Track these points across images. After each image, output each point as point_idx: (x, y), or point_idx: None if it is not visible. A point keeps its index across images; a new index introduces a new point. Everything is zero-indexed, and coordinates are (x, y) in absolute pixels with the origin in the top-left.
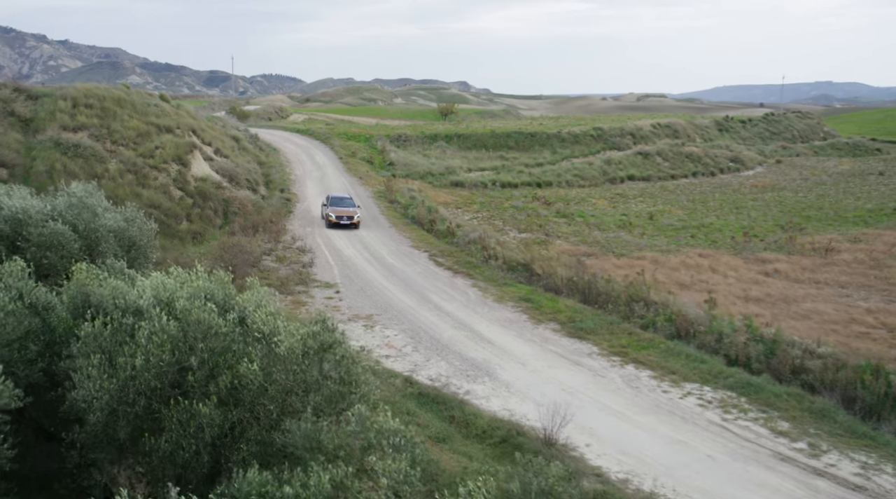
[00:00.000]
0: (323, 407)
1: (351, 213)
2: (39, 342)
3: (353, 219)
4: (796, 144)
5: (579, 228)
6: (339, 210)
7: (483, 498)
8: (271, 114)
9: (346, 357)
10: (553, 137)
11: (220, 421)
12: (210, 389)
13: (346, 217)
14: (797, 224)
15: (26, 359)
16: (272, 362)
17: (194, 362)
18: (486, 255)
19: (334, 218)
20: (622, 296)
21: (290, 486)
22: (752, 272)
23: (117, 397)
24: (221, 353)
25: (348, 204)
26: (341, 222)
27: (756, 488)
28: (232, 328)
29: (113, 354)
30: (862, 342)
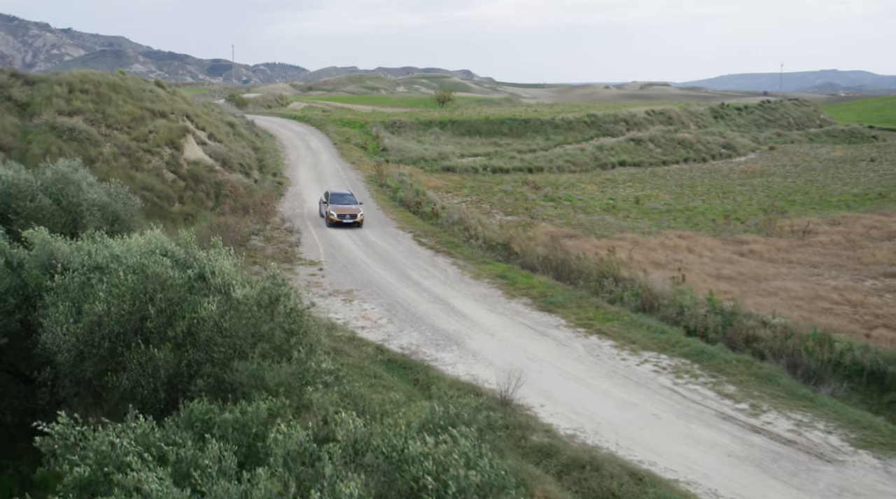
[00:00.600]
0: (270, 353)
1: (353, 210)
2: (17, 297)
3: (356, 217)
4: (791, 131)
5: (565, 212)
6: (340, 208)
7: (402, 422)
8: (271, 102)
9: (295, 309)
10: (547, 124)
11: (175, 362)
12: (167, 333)
13: (348, 215)
14: (780, 208)
15: (4, 311)
16: (226, 309)
17: (152, 311)
18: (467, 235)
19: (336, 217)
20: (593, 273)
21: (230, 413)
22: (727, 252)
23: (83, 340)
24: (178, 302)
25: (349, 201)
26: (344, 221)
27: (694, 442)
28: (189, 280)
29: (79, 302)
30: (824, 317)
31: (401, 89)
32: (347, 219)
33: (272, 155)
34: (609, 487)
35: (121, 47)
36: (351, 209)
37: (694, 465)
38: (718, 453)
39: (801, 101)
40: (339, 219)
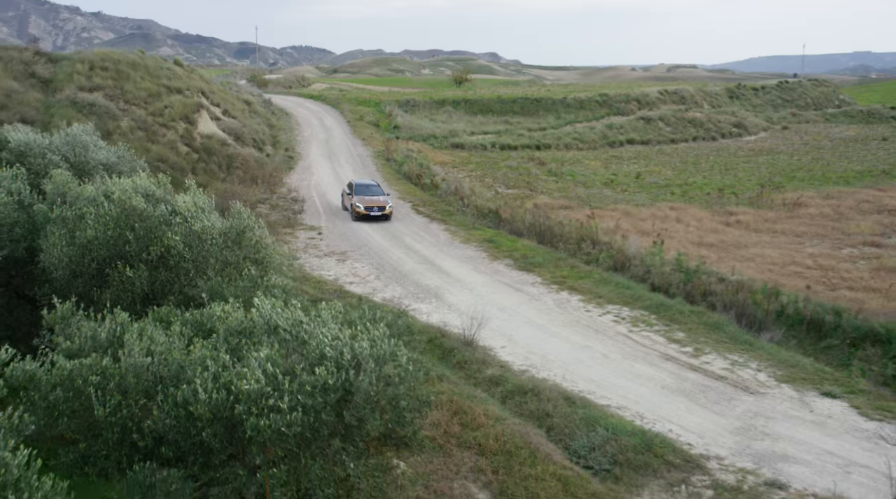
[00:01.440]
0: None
1: (382, 202)
2: (24, 229)
3: (384, 209)
4: (808, 111)
5: (565, 185)
6: (367, 200)
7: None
8: (292, 83)
9: (260, 242)
10: (558, 103)
11: (149, 281)
12: (143, 257)
13: (376, 207)
14: (777, 183)
15: (12, 239)
16: (192, 239)
17: (131, 237)
18: (461, 204)
19: (363, 209)
20: (573, 237)
21: (189, 314)
22: (714, 223)
23: (76, 262)
24: (153, 231)
25: (376, 191)
26: (371, 214)
27: (634, 377)
28: (164, 214)
29: (73, 230)
30: (792, 280)
31: (426, 72)
32: (375, 211)
33: (286, 132)
34: (545, 408)
35: (149, 30)
36: (379, 201)
37: (628, 394)
38: (654, 386)
39: (821, 82)
40: (367, 212)
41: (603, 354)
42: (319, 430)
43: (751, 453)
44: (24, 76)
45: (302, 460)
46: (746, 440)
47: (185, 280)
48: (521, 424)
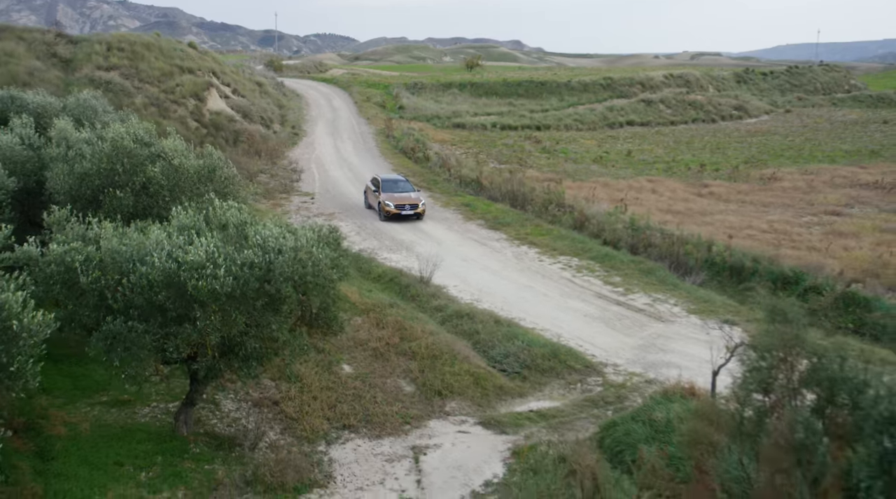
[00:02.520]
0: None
1: (414, 199)
2: (33, 165)
3: (417, 207)
4: (817, 96)
5: (556, 162)
6: (397, 197)
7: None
8: (310, 68)
9: (228, 177)
10: (562, 86)
11: (133, 204)
12: (129, 185)
13: (408, 206)
14: (761, 160)
15: (24, 173)
16: (170, 172)
17: (119, 169)
18: (448, 174)
19: (393, 208)
20: (542, 200)
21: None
22: (687, 193)
23: (74, 189)
24: (138, 165)
25: (405, 187)
26: (403, 213)
27: (564, 310)
28: (148, 153)
29: (73, 164)
30: (744, 241)
31: (447, 59)
32: (407, 210)
33: (295, 111)
34: (475, 327)
35: (175, 19)
36: (410, 198)
37: (554, 321)
38: (579, 315)
39: (832, 67)
40: (398, 211)
41: (543, 293)
42: (246, 293)
43: (643, 362)
44: (46, 56)
45: (232, 314)
46: (643, 353)
47: (162, 204)
48: (451, 337)
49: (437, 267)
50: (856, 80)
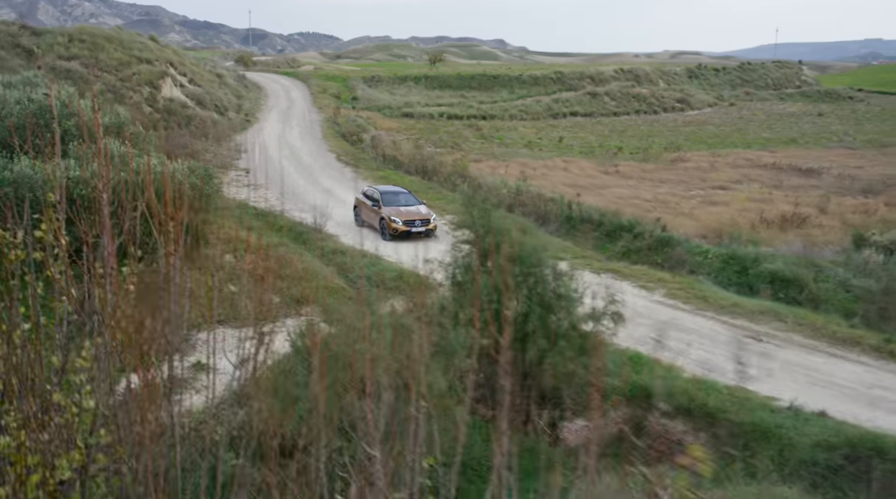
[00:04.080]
0: None
1: (425, 214)
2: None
3: (428, 223)
4: (767, 91)
5: (489, 146)
6: (404, 212)
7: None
8: (281, 64)
9: (134, 133)
10: (514, 79)
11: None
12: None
13: (418, 221)
14: (681, 146)
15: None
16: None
17: (42, 123)
18: (375, 153)
19: (401, 225)
20: (446, 172)
21: None
22: (594, 171)
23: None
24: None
25: (408, 200)
26: (413, 230)
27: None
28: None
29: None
30: (628, 208)
31: (426, 58)
32: (418, 226)
33: (252, 101)
34: (345, 260)
35: (157, 17)
36: (420, 213)
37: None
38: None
39: (784, 64)
40: (408, 228)
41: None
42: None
43: None
44: (10, 46)
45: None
46: None
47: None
48: (322, 265)
49: (330, 218)
50: (807, 77)
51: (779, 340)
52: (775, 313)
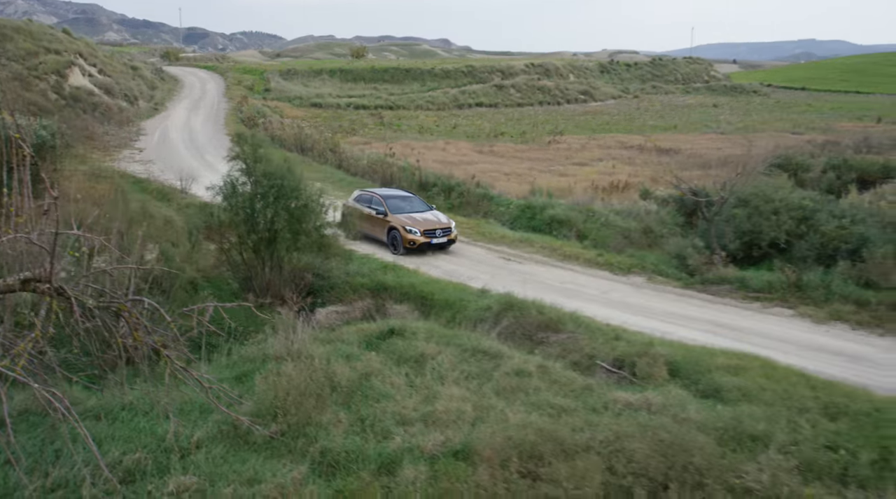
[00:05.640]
0: None
1: (445, 223)
2: None
3: (449, 232)
4: (676, 85)
5: (383, 132)
6: (420, 221)
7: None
8: (210, 60)
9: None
10: (426, 73)
11: None
12: None
13: (439, 231)
14: (563, 130)
15: None
16: None
17: None
18: (266, 134)
19: (421, 237)
20: (320, 148)
21: None
22: (469, 151)
23: None
24: None
25: (416, 204)
26: (434, 241)
27: None
28: None
29: None
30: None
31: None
32: (440, 237)
33: (166, 91)
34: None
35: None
36: (440, 221)
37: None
38: None
39: (694, 60)
40: (427, 239)
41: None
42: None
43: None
44: None
45: None
46: None
47: None
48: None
49: (196, 181)
50: (716, 72)
51: (522, 258)
52: (529, 241)
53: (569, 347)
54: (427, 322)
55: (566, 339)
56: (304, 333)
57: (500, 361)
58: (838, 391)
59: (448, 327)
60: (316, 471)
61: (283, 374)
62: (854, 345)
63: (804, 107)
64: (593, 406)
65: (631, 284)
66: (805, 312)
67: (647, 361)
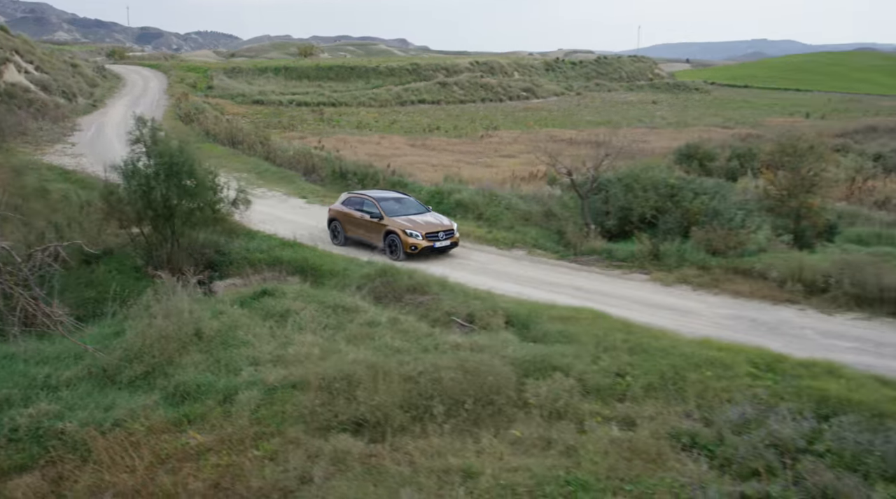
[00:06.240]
0: None
1: (447, 225)
2: None
3: (452, 234)
4: (620, 83)
5: (322, 127)
6: (423, 223)
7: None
8: (158, 58)
9: None
10: (371, 71)
11: None
12: None
13: (442, 233)
14: (494, 125)
15: None
16: None
17: None
18: (201, 129)
19: (423, 240)
20: (249, 141)
21: None
22: (403, 145)
23: None
24: None
25: (412, 205)
26: (437, 245)
27: None
28: None
29: None
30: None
31: (325, 55)
32: (442, 240)
33: (106, 89)
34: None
35: (43, 14)
36: (442, 223)
37: None
38: None
39: (639, 58)
40: (430, 242)
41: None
42: None
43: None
44: None
45: None
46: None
47: None
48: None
49: None
50: (660, 71)
51: None
52: None
53: (431, 306)
54: (299, 285)
55: (430, 299)
56: (181, 294)
57: (355, 315)
58: (649, 335)
59: (335, 291)
60: (168, 401)
61: (154, 325)
62: (690, 302)
63: (741, 103)
64: (425, 347)
65: (512, 257)
66: (658, 277)
67: (489, 313)
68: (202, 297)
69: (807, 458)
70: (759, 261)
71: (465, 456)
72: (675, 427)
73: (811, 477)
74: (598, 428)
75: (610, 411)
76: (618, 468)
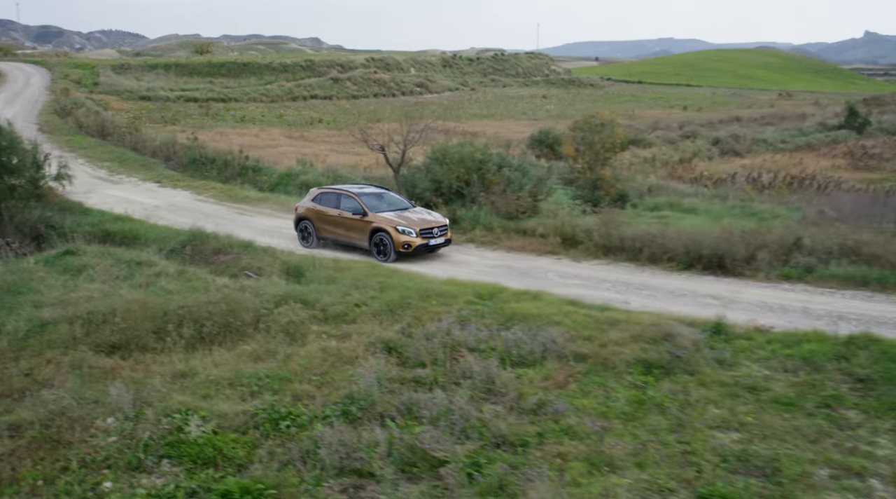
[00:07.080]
0: None
1: (441, 221)
2: None
3: (446, 231)
4: (517, 78)
5: (205, 121)
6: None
7: None
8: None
9: None
10: (264, 67)
11: None
12: None
13: (436, 230)
14: (377, 118)
15: None
16: None
17: None
18: (77, 124)
19: (417, 238)
20: (120, 132)
21: None
22: (279, 137)
23: None
24: None
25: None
26: (431, 244)
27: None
28: None
29: None
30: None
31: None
32: (437, 237)
33: None
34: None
35: None
36: (437, 219)
37: None
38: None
39: (536, 55)
40: (425, 240)
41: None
42: None
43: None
44: None
45: None
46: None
47: None
48: None
49: None
50: (556, 67)
51: (252, 211)
52: (267, 199)
53: (231, 263)
54: (103, 246)
55: (231, 258)
56: None
57: (147, 269)
58: (406, 278)
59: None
60: None
61: None
62: (470, 257)
63: (629, 97)
64: (195, 288)
65: None
66: (454, 239)
67: (269, 264)
68: (11, 259)
69: (471, 354)
70: (533, 221)
71: (192, 364)
72: (379, 338)
73: (462, 365)
74: (317, 341)
75: (336, 331)
76: (314, 367)
